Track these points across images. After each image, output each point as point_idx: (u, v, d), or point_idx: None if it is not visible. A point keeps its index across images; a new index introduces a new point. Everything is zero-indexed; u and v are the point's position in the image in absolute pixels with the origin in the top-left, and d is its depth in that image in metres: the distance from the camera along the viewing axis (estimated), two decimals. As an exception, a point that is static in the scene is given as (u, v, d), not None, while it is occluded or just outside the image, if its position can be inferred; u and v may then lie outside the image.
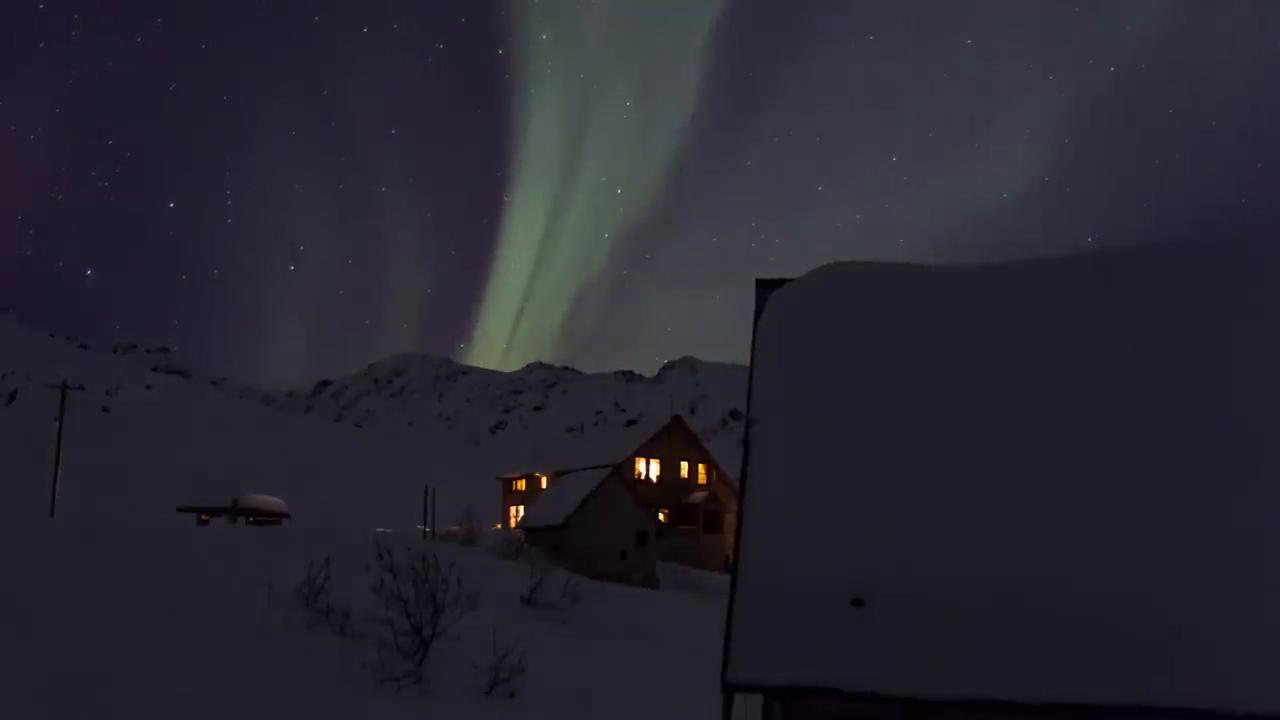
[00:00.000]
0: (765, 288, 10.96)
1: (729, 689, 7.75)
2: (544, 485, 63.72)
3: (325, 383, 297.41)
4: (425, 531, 53.15)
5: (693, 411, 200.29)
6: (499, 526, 64.33)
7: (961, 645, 7.50)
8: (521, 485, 69.07)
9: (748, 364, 10.60)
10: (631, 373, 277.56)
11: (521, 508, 62.64)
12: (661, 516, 55.95)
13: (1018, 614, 7.57)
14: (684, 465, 61.83)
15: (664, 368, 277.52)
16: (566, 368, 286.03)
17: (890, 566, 8.09)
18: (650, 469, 60.32)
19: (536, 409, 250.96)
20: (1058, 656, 7.33)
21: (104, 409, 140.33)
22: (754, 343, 10.61)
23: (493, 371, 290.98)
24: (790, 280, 11.10)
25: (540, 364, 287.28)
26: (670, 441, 61.55)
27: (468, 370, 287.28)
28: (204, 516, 54.40)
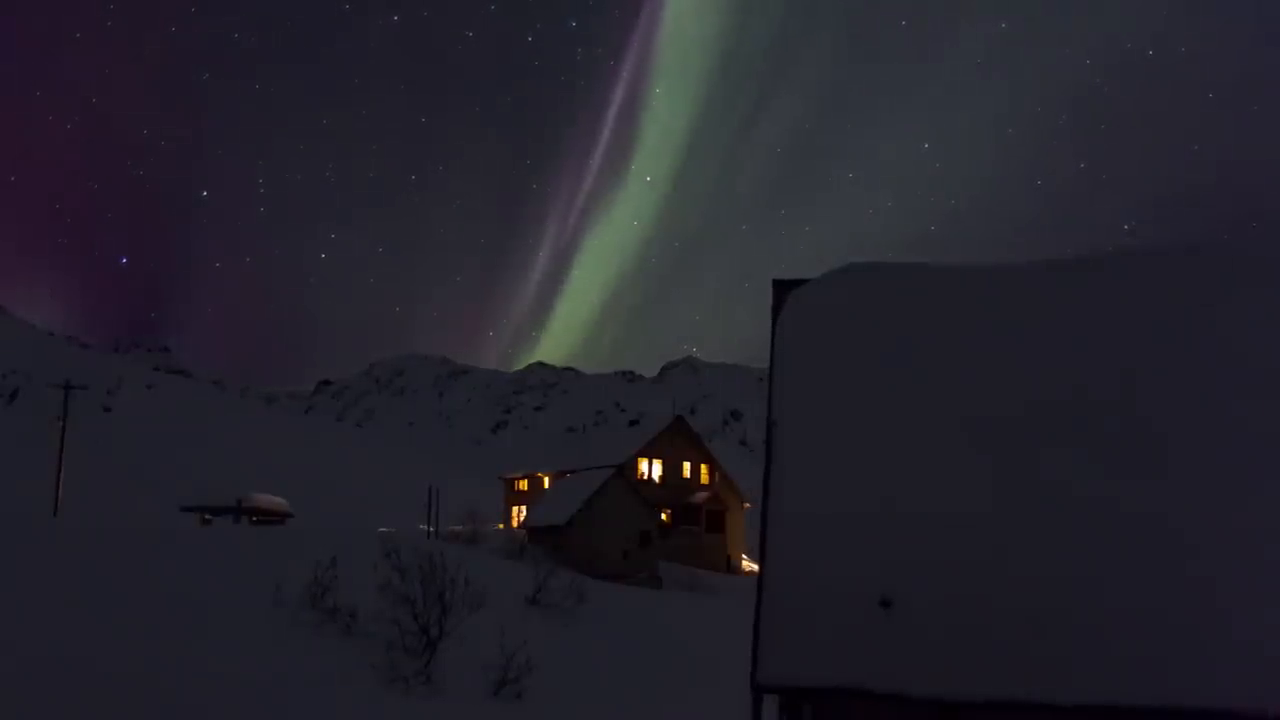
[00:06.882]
0: (782, 288, 10.95)
1: (758, 689, 7.73)
2: (546, 485, 63.70)
3: (326, 382, 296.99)
4: (429, 531, 53.13)
5: (693, 412, 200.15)
6: (501, 526, 64.31)
7: (990, 646, 7.48)
8: (524, 485, 69.05)
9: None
10: (632, 373, 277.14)
11: (524, 508, 62.59)
12: (664, 517, 55.91)
13: (1045, 615, 7.55)
14: (686, 465, 61.81)
15: (665, 368, 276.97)
16: (567, 368, 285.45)
17: (916, 567, 8.07)
18: (653, 469, 60.30)
19: (537, 409, 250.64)
20: (1086, 658, 7.31)
21: (105, 408, 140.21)
22: (773, 343, 10.59)
23: (493, 371, 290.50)
24: (808, 280, 11.09)
25: (541, 364, 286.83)
26: (672, 442, 61.54)
27: (468, 370, 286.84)
28: (207, 517, 54.32)
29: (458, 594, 21.97)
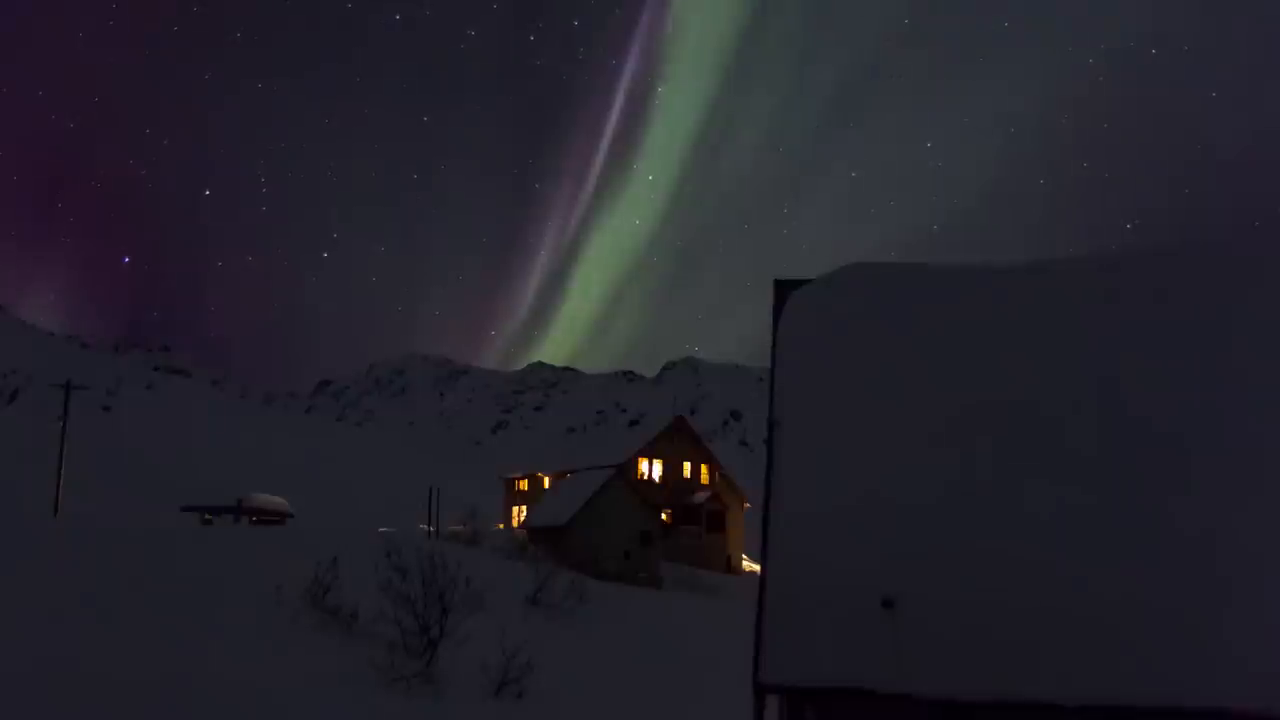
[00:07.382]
0: (784, 288, 10.97)
1: (761, 689, 7.74)
2: (546, 485, 63.76)
3: (325, 383, 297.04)
4: (429, 531, 53.17)
5: (693, 412, 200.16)
6: (501, 526, 64.36)
7: (992, 647, 7.49)
8: (524, 485, 69.12)
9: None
10: (632, 373, 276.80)
11: (524, 508, 62.65)
12: (664, 516, 55.96)
13: (1048, 616, 7.57)
14: (687, 466, 61.86)
15: (665, 367, 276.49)
16: (566, 368, 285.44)
17: (919, 567, 8.08)
18: (653, 469, 60.34)
19: (537, 409, 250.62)
20: (1089, 658, 7.32)
21: (105, 408, 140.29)
22: (774, 343, 10.60)
23: (493, 371, 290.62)
24: (809, 281, 11.11)
25: (541, 364, 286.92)
26: (673, 442, 61.61)
27: (468, 370, 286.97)
28: (207, 517, 54.38)
29: (458, 594, 21.97)
